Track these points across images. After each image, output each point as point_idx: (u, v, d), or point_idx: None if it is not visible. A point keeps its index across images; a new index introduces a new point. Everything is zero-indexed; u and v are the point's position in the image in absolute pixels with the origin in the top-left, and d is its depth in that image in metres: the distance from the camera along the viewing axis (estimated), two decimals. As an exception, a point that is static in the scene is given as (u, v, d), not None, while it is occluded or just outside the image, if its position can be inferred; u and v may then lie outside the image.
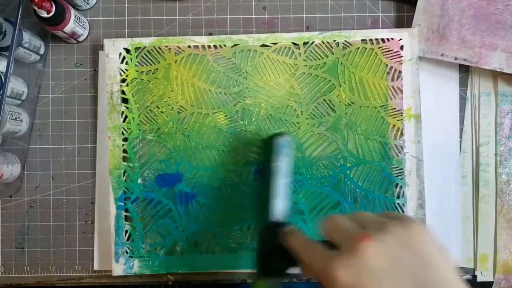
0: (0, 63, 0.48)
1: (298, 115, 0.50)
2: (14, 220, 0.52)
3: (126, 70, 0.50)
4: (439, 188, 0.51)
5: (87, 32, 0.52)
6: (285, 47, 0.50)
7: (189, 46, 0.50)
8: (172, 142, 0.50)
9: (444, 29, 0.48)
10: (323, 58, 0.50)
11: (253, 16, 0.52)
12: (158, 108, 0.50)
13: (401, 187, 0.50)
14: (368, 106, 0.50)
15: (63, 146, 0.52)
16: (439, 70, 0.52)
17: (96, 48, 0.52)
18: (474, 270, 0.51)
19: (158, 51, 0.50)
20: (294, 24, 0.52)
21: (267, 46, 0.50)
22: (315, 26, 0.52)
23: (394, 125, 0.50)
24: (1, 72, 0.47)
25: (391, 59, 0.50)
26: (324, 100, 0.50)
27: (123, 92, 0.50)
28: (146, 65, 0.50)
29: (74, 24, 0.48)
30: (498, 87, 0.51)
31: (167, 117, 0.50)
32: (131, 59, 0.50)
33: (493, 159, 0.51)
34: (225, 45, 0.50)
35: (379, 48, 0.50)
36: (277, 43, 0.50)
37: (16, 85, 0.49)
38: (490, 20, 0.48)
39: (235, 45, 0.50)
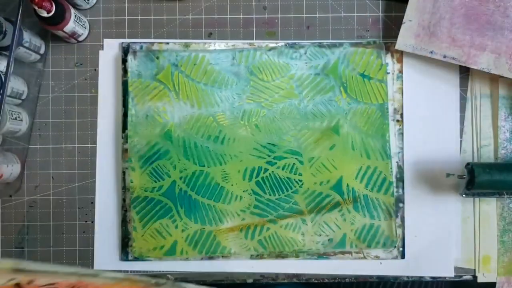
0: (0, 63, 0.48)
1: (298, 115, 0.50)
2: (14, 220, 0.52)
3: (126, 70, 0.50)
4: (440, 188, 0.51)
5: (87, 31, 0.52)
6: (286, 47, 0.50)
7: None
8: (172, 142, 0.50)
9: (434, 26, 0.48)
10: (323, 58, 0.50)
11: (253, 16, 0.52)
12: (158, 108, 0.50)
13: (400, 187, 0.50)
14: (368, 106, 0.50)
15: (63, 146, 0.52)
16: (439, 71, 0.51)
17: (96, 48, 0.52)
18: (475, 270, 0.51)
19: (158, 51, 0.50)
20: (294, 24, 0.52)
21: (267, 46, 0.50)
22: (315, 26, 0.52)
23: (393, 125, 0.50)
24: (1, 72, 0.47)
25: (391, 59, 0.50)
26: (324, 100, 0.50)
27: (123, 92, 0.50)
28: (146, 65, 0.50)
29: (74, 24, 0.48)
30: (499, 91, 0.51)
31: (167, 117, 0.50)
32: (131, 59, 0.50)
33: (494, 161, 0.51)
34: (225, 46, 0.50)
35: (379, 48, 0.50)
36: (277, 43, 0.50)
37: (16, 84, 0.49)
38: (480, 20, 0.48)
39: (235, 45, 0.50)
